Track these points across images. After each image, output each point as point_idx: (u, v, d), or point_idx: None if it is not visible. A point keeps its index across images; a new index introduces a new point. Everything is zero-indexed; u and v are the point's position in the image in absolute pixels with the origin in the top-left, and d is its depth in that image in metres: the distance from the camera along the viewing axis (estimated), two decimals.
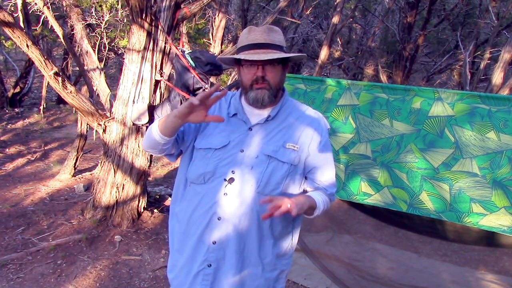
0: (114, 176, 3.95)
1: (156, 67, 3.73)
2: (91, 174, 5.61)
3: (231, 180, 1.48)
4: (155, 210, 4.40)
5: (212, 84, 3.65)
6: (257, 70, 1.46)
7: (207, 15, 8.02)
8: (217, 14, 7.66)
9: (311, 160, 1.53)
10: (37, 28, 6.13)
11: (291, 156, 1.49)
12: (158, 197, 4.80)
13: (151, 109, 3.74)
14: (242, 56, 1.46)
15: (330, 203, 1.60)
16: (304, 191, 1.59)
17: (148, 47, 3.66)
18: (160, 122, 1.46)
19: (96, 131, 4.03)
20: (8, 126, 8.18)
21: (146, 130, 3.89)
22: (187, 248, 1.57)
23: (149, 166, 4.11)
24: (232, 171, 1.49)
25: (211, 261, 1.52)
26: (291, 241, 1.64)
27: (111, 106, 4.01)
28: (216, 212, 1.50)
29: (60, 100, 9.89)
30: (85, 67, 4.46)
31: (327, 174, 1.56)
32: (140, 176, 4.03)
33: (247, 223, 1.50)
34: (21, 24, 4.24)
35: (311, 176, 1.56)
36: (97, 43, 5.19)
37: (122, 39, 5.87)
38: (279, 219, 1.52)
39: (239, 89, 1.59)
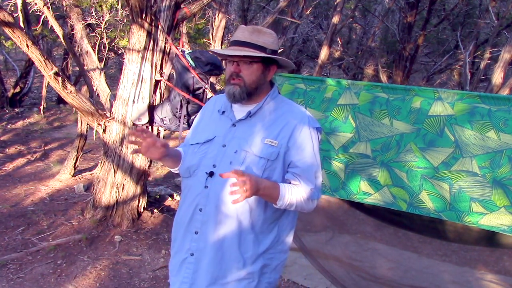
0: (114, 176, 3.95)
1: (156, 67, 3.74)
2: (91, 174, 5.60)
3: (212, 173, 1.55)
4: (155, 210, 4.40)
5: (212, 84, 3.66)
6: (232, 66, 1.54)
7: (207, 15, 8.01)
8: (217, 14, 7.65)
9: (289, 155, 1.55)
10: (37, 28, 6.13)
11: (268, 151, 1.52)
12: (158, 197, 4.80)
13: (151, 109, 3.74)
14: (216, 49, 1.59)
15: (310, 200, 1.56)
16: None
17: (148, 47, 3.66)
18: None
19: (96, 131, 4.03)
20: (8, 126, 8.17)
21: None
22: (178, 237, 1.66)
23: (149, 166, 4.11)
24: (214, 165, 1.56)
25: (194, 250, 1.58)
26: (277, 235, 1.60)
27: (111, 106, 4.01)
28: (198, 203, 1.57)
29: (60, 100, 9.89)
30: (85, 67, 4.46)
31: (302, 168, 1.54)
32: (140, 176, 4.03)
33: (225, 217, 1.54)
34: (21, 24, 4.24)
35: (288, 170, 1.56)
36: (97, 43, 5.19)
37: (122, 39, 5.87)
38: (259, 213, 1.54)
39: None
